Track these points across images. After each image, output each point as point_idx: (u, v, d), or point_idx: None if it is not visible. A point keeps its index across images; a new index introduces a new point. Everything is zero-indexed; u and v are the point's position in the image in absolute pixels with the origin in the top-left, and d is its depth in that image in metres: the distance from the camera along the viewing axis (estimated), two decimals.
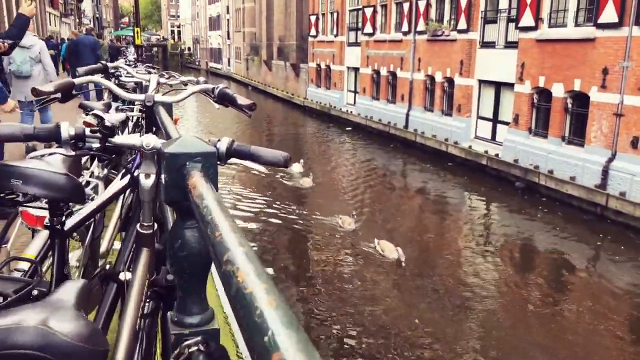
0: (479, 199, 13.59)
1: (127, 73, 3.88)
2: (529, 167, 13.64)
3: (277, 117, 29.25)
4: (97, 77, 2.15)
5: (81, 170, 1.80)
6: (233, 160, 1.37)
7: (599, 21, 11.58)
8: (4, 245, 2.47)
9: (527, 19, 13.60)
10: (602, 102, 11.69)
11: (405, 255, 8.76)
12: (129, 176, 1.90)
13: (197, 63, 72.10)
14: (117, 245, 2.47)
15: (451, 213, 12.55)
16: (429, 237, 10.78)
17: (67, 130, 1.45)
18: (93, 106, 3.53)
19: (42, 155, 1.70)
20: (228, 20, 55.57)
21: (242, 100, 2.04)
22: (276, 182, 13.89)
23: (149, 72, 7.49)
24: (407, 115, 19.89)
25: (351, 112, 24.50)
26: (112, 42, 23.74)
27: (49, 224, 1.66)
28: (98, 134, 1.45)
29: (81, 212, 1.74)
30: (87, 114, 3.99)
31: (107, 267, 2.15)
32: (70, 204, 1.74)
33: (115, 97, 5.60)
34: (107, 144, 1.48)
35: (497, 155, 14.98)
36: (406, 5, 19.56)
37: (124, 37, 45.72)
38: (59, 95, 1.83)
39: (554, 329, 7.23)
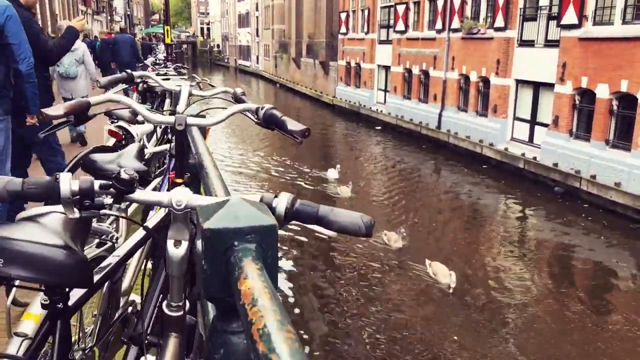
0: (519, 205, 13.08)
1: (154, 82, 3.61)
2: (570, 171, 13.04)
3: (305, 116, 28.95)
4: (117, 95, 1.85)
5: (88, 233, 1.43)
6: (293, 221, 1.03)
7: None
8: None
9: (570, 17, 12.98)
10: None
11: (455, 277, 8.10)
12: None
13: (226, 60, 72.36)
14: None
15: (493, 222, 12.06)
16: (473, 251, 10.29)
17: (68, 186, 1.06)
18: (120, 114, 3.25)
19: (36, 216, 1.26)
20: (257, 17, 55.53)
21: (293, 124, 1.69)
22: (309, 190, 13.24)
23: (179, 73, 7.28)
24: (440, 115, 19.37)
25: (381, 111, 24.05)
26: (143, 40, 23.81)
27: (46, 303, 1.30)
28: (112, 189, 1.08)
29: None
30: (112, 122, 3.74)
31: (130, 309, 1.85)
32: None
33: (144, 99, 5.37)
34: (123, 200, 1.10)
35: (535, 158, 14.39)
36: (440, 2, 19.02)
37: (154, 34, 46.03)
38: (71, 118, 1.55)
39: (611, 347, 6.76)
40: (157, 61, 12.38)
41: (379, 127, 23.14)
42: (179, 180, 1.82)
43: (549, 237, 11.00)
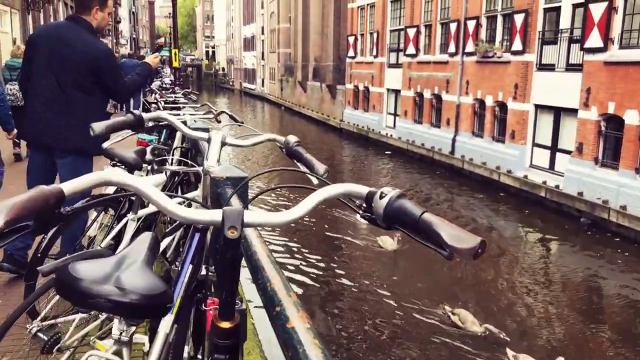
0: (541, 236, 12.35)
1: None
2: (597, 201, 12.35)
3: (312, 139, 28.43)
4: (116, 177, 1.07)
5: None
6: None
7: None
8: None
9: (595, 40, 12.45)
10: None
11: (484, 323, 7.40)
12: None
13: (230, 83, 72.40)
14: None
15: (515, 254, 11.30)
16: (496, 291, 9.55)
17: None
18: (121, 155, 2.60)
19: None
20: (263, 40, 55.56)
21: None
22: (333, 237, 11.55)
23: (190, 99, 6.70)
24: (454, 140, 18.77)
25: (391, 135, 23.49)
26: None
27: None
28: None
29: None
30: (113, 164, 3.10)
31: None
32: None
33: (151, 128, 4.75)
34: None
35: (557, 186, 13.73)
36: (453, 25, 18.58)
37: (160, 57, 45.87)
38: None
39: None
40: (164, 85, 11.80)
41: (389, 152, 22.55)
42: (225, 325, 1.09)
43: (577, 272, 10.26)
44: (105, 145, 1.86)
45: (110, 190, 2.91)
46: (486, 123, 17.23)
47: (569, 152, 13.85)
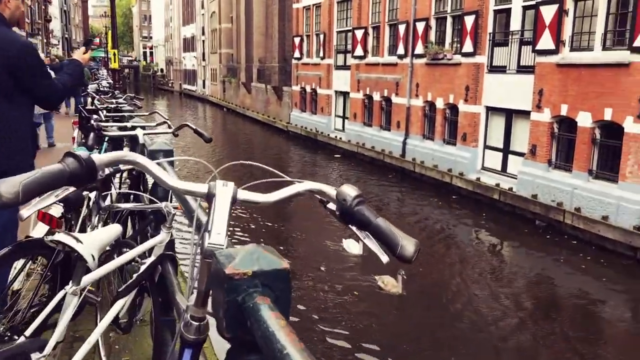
0: (496, 239, 12.18)
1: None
2: (551, 203, 12.36)
3: (257, 142, 27.71)
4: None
5: None
6: None
7: (635, 44, 10.44)
8: None
9: (546, 42, 12.45)
10: None
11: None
12: None
13: (170, 85, 70.29)
14: None
15: (469, 257, 11.06)
16: (451, 294, 9.26)
17: None
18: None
19: None
20: (203, 41, 54.14)
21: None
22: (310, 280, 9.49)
23: (135, 106, 5.92)
24: (404, 143, 18.58)
25: (340, 138, 23.13)
26: None
27: None
28: None
29: None
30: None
31: None
32: None
33: (88, 140, 3.99)
34: None
35: (510, 189, 13.69)
36: (402, 27, 18.37)
37: (95, 58, 43.78)
38: None
39: None
40: (101, 88, 10.78)
41: (338, 155, 22.18)
42: None
43: (532, 274, 10.11)
44: (25, 213, 1.24)
45: (41, 231, 2.22)
46: (437, 125, 17.10)
47: (521, 155, 13.84)
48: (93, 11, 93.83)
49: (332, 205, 1.18)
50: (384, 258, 1.13)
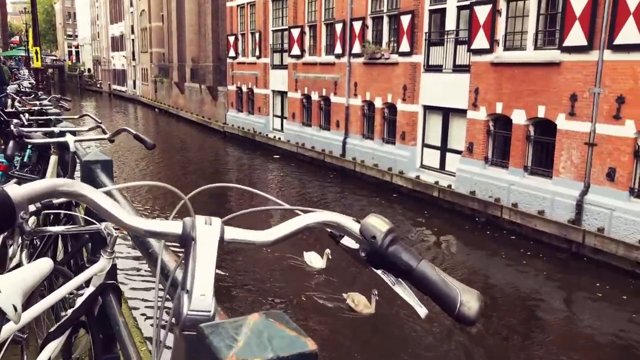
0: (436, 236, 12.29)
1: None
2: (489, 199, 12.63)
3: (193, 144, 26.92)
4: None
5: None
6: None
7: (565, 44, 10.81)
8: None
9: (481, 41, 12.70)
10: (572, 131, 10.88)
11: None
12: None
13: (98, 85, 67.34)
14: None
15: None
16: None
17: None
18: None
19: None
20: (133, 40, 52.16)
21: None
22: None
23: (62, 108, 5.41)
24: (344, 142, 18.53)
25: (279, 138, 22.83)
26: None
27: None
28: None
29: None
30: None
31: None
32: None
33: (7, 145, 3.53)
34: None
35: (449, 186, 13.90)
36: (339, 26, 18.31)
37: (13, 57, 41.22)
38: None
39: None
40: (23, 89, 9.95)
41: (278, 156, 21.87)
42: None
43: (473, 269, 10.29)
44: None
45: None
46: (376, 125, 17.15)
47: (459, 152, 14.08)
48: (12, 8, 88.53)
49: (349, 242, 0.91)
50: (422, 311, 0.89)
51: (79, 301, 1.78)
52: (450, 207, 13.67)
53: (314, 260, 9.51)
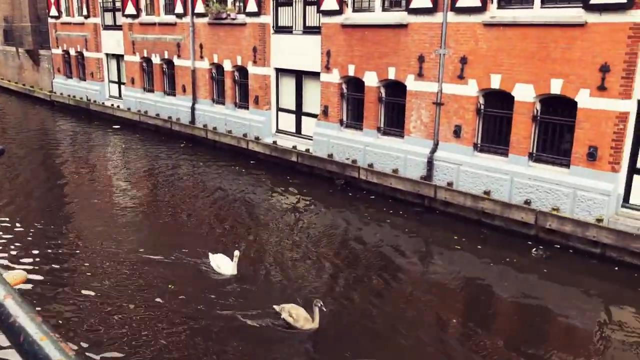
0: (299, 200, 12.23)
1: None
2: (346, 161, 12.83)
3: (15, 117, 23.69)
4: None
5: None
6: None
7: (411, 6, 11.09)
8: None
9: (330, 2, 12.56)
10: (420, 91, 11.33)
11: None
12: None
13: None
14: None
15: (272, 219, 10.88)
16: (261, 252, 8.99)
17: None
18: None
19: None
20: None
21: None
22: None
23: None
24: (193, 108, 17.54)
25: (118, 106, 20.98)
26: None
27: None
28: None
29: None
30: None
31: None
32: None
33: None
34: None
35: (307, 150, 13.87)
36: None
37: None
38: None
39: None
40: None
41: (118, 126, 20.12)
42: None
43: (333, 229, 10.40)
44: None
45: None
46: (227, 89, 16.43)
47: (314, 116, 14.04)
48: None
49: None
50: None
51: None
52: (310, 171, 13.68)
53: (223, 264, 8.02)
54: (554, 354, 6.37)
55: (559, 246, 9.31)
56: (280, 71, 15.01)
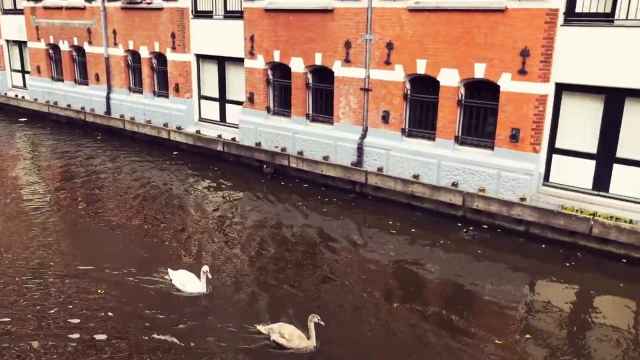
0: (229, 190, 11.88)
1: None
2: (275, 149, 12.62)
3: None
4: None
5: None
6: None
7: None
8: None
9: None
10: (348, 77, 11.29)
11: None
12: None
13: None
14: None
15: (198, 212, 10.51)
16: (195, 247, 8.66)
17: None
18: None
19: None
20: None
21: None
22: None
23: None
24: (108, 98, 16.58)
25: (23, 97, 19.47)
26: None
27: None
28: None
29: None
30: None
31: None
32: None
33: None
34: None
35: (234, 139, 13.50)
36: None
37: None
38: None
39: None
40: None
41: (25, 118, 18.69)
42: None
43: (265, 219, 10.20)
44: None
45: None
46: (144, 77, 15.63)
47: (240, 103, 13.67)
48: None
49: None
50: None
51: None
52: (237, 160, 13.35)
53: (188, 282, 7.14)
54: (481, 327, 6.62)
55: (486, 226, 9.65)
56: (201, 57, 14.46)
